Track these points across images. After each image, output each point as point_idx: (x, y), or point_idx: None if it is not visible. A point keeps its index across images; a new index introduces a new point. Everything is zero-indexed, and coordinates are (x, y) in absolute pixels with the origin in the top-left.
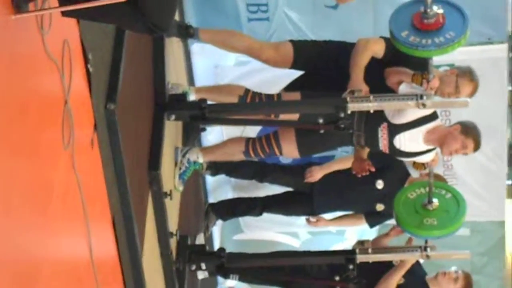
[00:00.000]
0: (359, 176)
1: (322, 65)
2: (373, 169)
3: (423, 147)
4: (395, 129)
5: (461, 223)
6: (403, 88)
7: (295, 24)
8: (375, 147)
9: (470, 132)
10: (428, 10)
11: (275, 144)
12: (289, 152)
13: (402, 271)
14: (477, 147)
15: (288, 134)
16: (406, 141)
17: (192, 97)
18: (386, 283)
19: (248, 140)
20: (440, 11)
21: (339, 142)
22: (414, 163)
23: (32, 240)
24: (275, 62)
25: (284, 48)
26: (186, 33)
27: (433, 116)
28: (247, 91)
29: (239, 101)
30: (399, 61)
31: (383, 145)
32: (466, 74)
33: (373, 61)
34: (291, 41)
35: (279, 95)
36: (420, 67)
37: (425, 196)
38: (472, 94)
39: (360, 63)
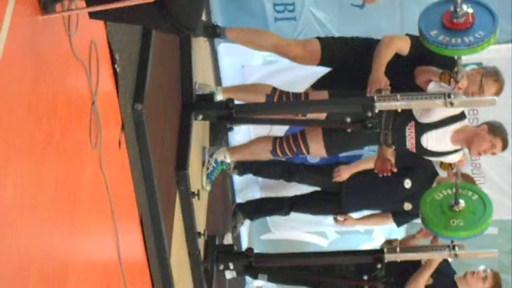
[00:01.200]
0: (381, 176)
1: (349, 62)
2: (395, 170)
3: (450, 147)
4: (422, 128)
5: (488, 225)
6: (431, 87)
7: (322, 23)
8: (402, 146)
9: (497, 131)
10: (458, 9)
11: (302, 143)
12: (316, 151)
13: (430, 270)
14: (505, 146)
15: (315, 133)
16: (433, 140)
17: (219, 97)
18: (414, 283)
19: (275, 139)
20: (470, 10)
21: (366, 141)
22: (441, 163)
23: (60, 240)
24: (303, 59)
25: (311, 45)
26: (213, 32)
27: (461, 116)
28: (274, 89)
29: (266, 99)
30: (424, 59)
31: (410, 144)
32: (492, 74)
33: (399, 59)
34: (318, 38)
35: (306, 94)
36: (446, 65)
37: (452, 197)
38: (497, 94)
39: (383, 57)
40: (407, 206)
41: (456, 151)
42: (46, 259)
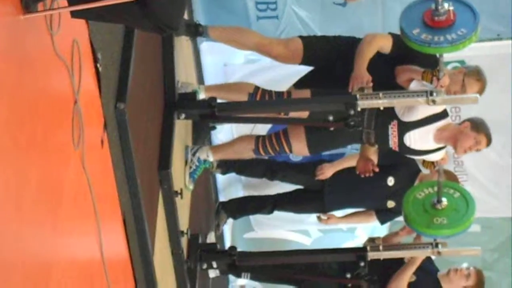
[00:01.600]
0: (363, 176)
1: (331, 61)
2: (376, 169)
3: (433, 145)
4: (405, 127)
5: (471, 222)
6: (413, 86)
7: (304, 21)
8: (385, 144)
9: (481, 127)
10: (439, 7)
11: (285, 142)
12: (299, 149)
13: (413, 268)
14: (489, 141)
15: (298, 131)
16: (417, 139)
17: (201, 95)
18: (397, 281)
19: (258, 138)
20: (451, 8)
21: (349, 140)
22: (424, 161)
23: (43, 240)
24: (285, 58)
25: (293, 44)
26: (195, 31)
27: (443, 114)
28: (256, 88)
29: (248, 98)
30: (406, 58)
31: (393, 142)
32: (473, 74)
33: (381, 58)
34: (301, 37)
35: (289, 93)
36: (428, 64)
37: (434, 195)
38: (479, 93)
39: (365, 55)
40: (390, 203)
41: (439, 149)
42: (29, 259)
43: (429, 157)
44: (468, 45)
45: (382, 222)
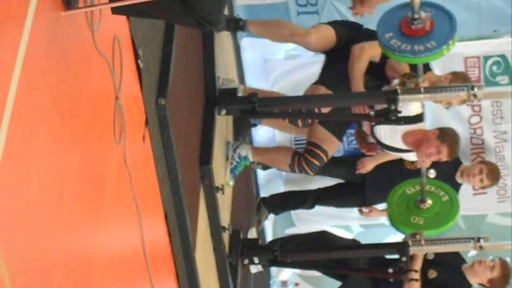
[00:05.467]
0: (369, 154)
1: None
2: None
3: (403, 145)
4: None
5: (447, 229)
6: (394, 84)
7: (345, 17)
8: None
9: (446, 138)
10: (415, 15)
11: (319, 151)
12: (331, 146)
13: (418, 263)
14: (451, 154)
15: (319, 131)
16: (386, 134)
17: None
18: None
19: (294, 154)
20: (428, 18)
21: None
22: (404, 160)
23: (86, 235)
24: (320, 46)
25: (325, 28)
26: (236, 26)
27: (415, 119)
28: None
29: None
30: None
31: (366, 130)
32: (459, 80)
33: (372, 66)
34: (328, 23)
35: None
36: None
37: (419, 194)
38: (465, 100)
39: (356, 72)
40: None
41: (411, 150)
42: (70, 253)
43: (404, 156)
44: (434, 59)
45: None
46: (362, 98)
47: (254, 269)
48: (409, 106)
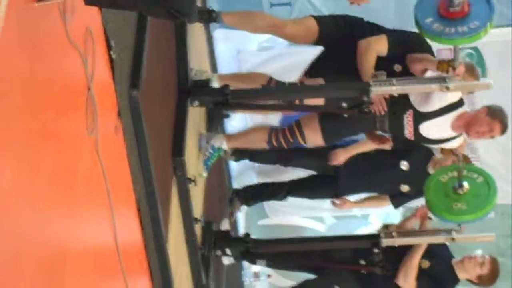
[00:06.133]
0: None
1: (342, 41)
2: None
3: (451, 133)
4: (421, 117)
5: (492, 207)
6: (428, 75)
7: (317, 9)
8: (400, 133)
9: (496, 114)
10: None
11: (299, 133)
12: (313, 140)
13: (420, 253)
14: (504, 129)
15: (312, 122)
16: (433, 129)
17: (215, 84)
18: (406, 266)
19: (271, 129)
20: None
21: (363, 128)
22: (442, 149)
23: (57, 226)
24: (300, 38)
25: (307, 22)
26: (209, 17)
27: (460, 103)
28: (270, 79)
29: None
30: (406, 52)
31: (408, 132)
32: (468, 69)
33: (379, 60)
34: (312, 16)
35: (302, 83)
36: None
37: (456, 179)
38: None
39: (367, 67)
40: (404, 187)
41: (456, 137)
42: (42, 245)
43: (447, 145)
44: (480, 38)
45: (396, 206)
46: (336, 90)
47: (226, 260)
48: (450, 94)
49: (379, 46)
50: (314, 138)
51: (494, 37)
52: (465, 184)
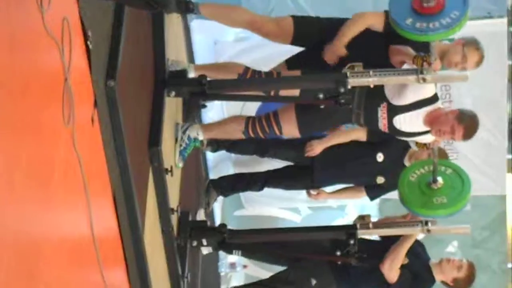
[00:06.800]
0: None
1: (321, 42)
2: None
3: (424, 128)
4: (395, 110)
5: (469, 197)
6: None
7: (295, 0)
8: (374, 126)
9: (464, 119)
10: None
11: (275, 124)
12: (289, 131)
13: (408, 244)
14: (467, 136)
15: (289, 113)
16: (407, 122)
17: (191, 74)
18: (392, 258)
19: (248, 119)
20: None
21: (339, 121)
22: (417, 142)
23: (34, 217)
24: (275, 36)
25: (285, 22)
26: (186, 8)
27: (433, 99)
28: (246, 69)
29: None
30: (400, 36)
31: (382, 124)
32: (472, 43)
33: (375, 35)
34: (292, 16)
35: (278, 73)
36: (422, 44)
37: (428, 175)
38: (478, 63)
39: (348, 31)
40: (380, 179)
41: (429, 131)
42: (19, 237)
43: (421, 139)
44: (462, 27)
45: (372, 198)
46: (312, 81)
47: (205, 250)
48: (424, 89)
49: (375, 19)
50: (290, 129)
51: (472, 29)
52: (439, 179)
